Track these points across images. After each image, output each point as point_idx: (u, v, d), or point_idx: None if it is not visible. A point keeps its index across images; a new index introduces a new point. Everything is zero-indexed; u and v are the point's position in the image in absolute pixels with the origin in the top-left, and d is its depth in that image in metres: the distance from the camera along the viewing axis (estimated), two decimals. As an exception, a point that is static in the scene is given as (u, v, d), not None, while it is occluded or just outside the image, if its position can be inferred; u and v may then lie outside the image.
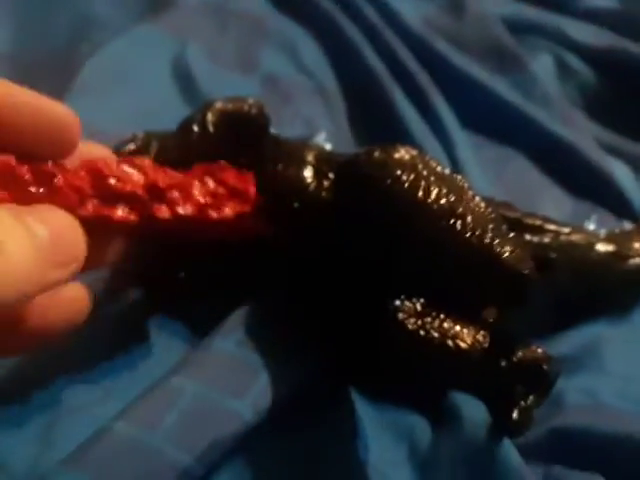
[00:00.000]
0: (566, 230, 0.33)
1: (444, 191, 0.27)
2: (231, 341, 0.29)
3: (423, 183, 0.27)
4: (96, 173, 0.25)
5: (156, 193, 0.26)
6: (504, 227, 0.26)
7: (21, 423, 0.27)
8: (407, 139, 0.42)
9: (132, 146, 0.32)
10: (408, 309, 0.29)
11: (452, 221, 0.26)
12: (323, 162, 0.30)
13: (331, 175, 0.30)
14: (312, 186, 0.30)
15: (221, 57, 0.49)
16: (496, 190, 0.40)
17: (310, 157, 0.31)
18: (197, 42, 0.50)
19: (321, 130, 0.43)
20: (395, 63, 0.49)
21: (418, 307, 0.29)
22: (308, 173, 0.30)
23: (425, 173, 0.27)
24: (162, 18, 0.51)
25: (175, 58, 0.48)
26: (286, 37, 0.53)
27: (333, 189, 0.30)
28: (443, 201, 0.26)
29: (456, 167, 0.42)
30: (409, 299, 0.29)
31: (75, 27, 0.51)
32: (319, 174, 0.30)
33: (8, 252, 0.19)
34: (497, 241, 0.25)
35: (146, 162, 0.27)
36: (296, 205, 0.30)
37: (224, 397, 0.27)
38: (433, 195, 0.26)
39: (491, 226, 0.26)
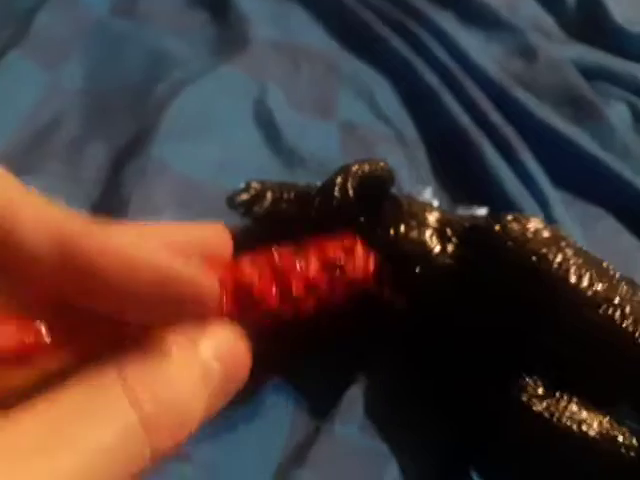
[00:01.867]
0: None
1: (595, 275, 0.26)
2: (353, 427, 0.28)
3: (572, 265, 0.26)
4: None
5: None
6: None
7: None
8: (502, 197, 0.41)
9: (245, 196, 0.31)
10: (532, 390, 0.28)
11: (610, 311, 0.25)
12: (446, 225, 0.30)
13: (454, 239, 0.29)
14: (436, 250, 0.29)
15: (299, 101, 0.49)
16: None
17: (432, 219, 0.30)
18: (276, 84, 0.49)
19: (427, 185, 0.42)
20: (476, 112, 0.48)
21: (540, 387, 0.28)
22: (431, 237, 0.29)
23: (570, 253, 0.26)
24: (238, 58, 0.50)
25: (256, 102, 0.47)
26: (361, 81, 0.52)
27: (459, 255, 0.29)
28: (598, 287, 0.26)
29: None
30: (530, 377, 0.28)
31: (148, 64, 0.51)
32: (442, 238, 0.29)
33: (178, 390, 0.18)
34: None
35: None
36: (418, 270, 0.29)
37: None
38: (585, 280, 0.26)
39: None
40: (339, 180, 0.30)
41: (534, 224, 0.28)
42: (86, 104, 0.48)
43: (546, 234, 0.27)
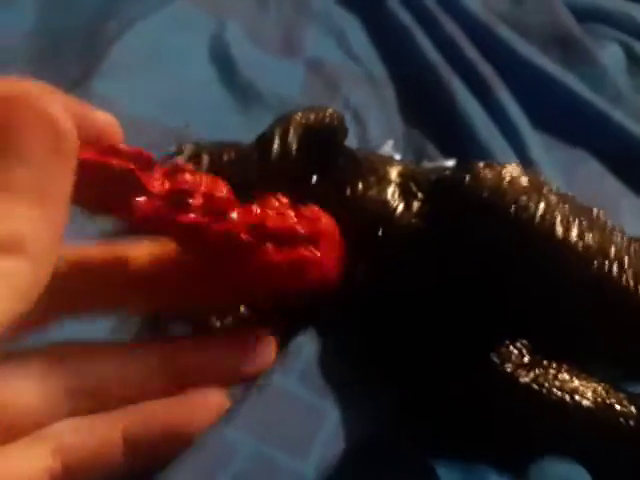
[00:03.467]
0: None
1: (585, 225, 0.22)
2: (292, 377, 0.24)
3: (558, 215, 0.22)
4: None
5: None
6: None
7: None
8: (472, 137, 0.37)
9: (180, 160, 0.27)
10: (517, 359, 0.24)
11: (606, 264, 0.22)
12: (409, 179, 0.26)
13: (420, 195, 0.25)
14: (399, 210, 0.25)
15: (262, 38, 0.45)
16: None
17: (394, 174, 0.26)
18: (236, 21, 0.45)
19: (387, 138, 0.38)
20: (451, 49, 0.44)
21: (525, 355, 0.24)
22: (394, 194, 0.25)
23: (554, 200, 0.22)
24: (198, -7, 0.47)
25: (213, 38, 0.43)
26: (332, 18, 0.48)
27: (425, 213, 0.25)
28: (589, 239, 0.22)
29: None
30: (513, 344, 0.24)
31: (102, 2, 0.47)
32: (406, 195, 0.25)
33: None
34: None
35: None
36: (380, 232, 0.25)
37: (284, 457, 0.22)
38: (574, 231, 0.22)
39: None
40: (279, 132, 0.25)
41: (510, 171, 0.24)
42: (35, 45, 0.45)
43: (525, 181, 0.23)
